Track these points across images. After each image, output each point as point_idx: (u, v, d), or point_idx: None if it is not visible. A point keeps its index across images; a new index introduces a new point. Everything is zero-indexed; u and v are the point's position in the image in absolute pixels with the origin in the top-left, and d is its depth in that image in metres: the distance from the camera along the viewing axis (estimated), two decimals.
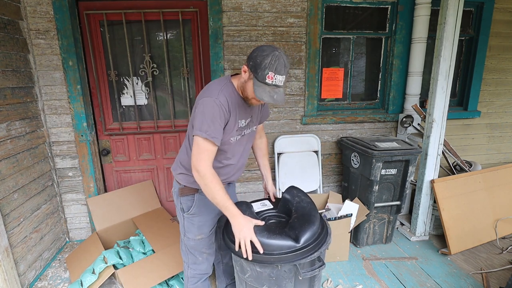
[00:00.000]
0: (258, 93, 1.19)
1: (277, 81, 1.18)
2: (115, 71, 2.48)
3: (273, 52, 1.17)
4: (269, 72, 1.16)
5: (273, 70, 1.16)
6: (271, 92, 1.19)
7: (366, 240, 2.50)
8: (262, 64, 1.16)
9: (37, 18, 2.20)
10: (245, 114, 1.38)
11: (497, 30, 2.88)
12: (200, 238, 1.51)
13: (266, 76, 1.17)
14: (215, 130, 1.25)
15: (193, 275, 1.59)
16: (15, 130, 2.02)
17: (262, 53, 1.17)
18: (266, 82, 1.18)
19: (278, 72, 1.17)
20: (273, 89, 1.19)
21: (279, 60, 1.16)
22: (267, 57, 1.16)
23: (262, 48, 1.20)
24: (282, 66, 1.17)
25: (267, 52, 1.17)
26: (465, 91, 3.07)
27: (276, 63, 1.16)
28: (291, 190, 1.56)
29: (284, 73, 1.19)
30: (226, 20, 2.42)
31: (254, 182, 2.80)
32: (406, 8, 2.62)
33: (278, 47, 1.22)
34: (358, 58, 2.85)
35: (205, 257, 1.56)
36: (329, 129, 2.80)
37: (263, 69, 1.16)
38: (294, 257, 1.23)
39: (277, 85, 1.19)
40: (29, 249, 2.11)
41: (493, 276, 2.11)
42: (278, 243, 1.24)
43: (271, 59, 1.15)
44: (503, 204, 2.55)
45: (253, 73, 1.20)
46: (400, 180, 2.37)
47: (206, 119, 1.24)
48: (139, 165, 2.71)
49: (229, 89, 1.32)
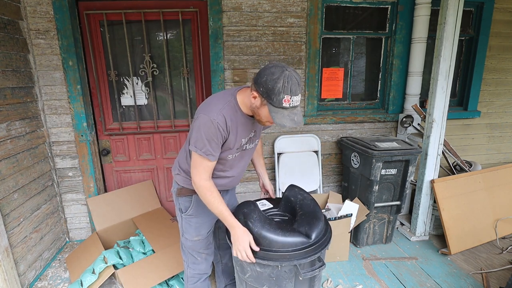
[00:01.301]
0: (277, 119, 1.11)
1: (294, 102, 1.11)
2: (115, 71, 2.48)
3: (283, 73, 1.08)
4: (285, 96, 1.08)
5: (288, 93, 1.08)
6: (290, 115, 1.12)
7: (366, 240, 2.50)
8: (276, 89, 1.08)
9: (37, 18, 2.20)
10: (248, 131, 1.34)
11: (497, 30, 2.88)
12: (197, 240, 1.51)
13: (283, 101, 1.09)
14: (210, 149, 1.22)
15: (193, 275, 1.59)
16: (15, 130, 2.02)
17: (273, 77, 1.08)
18: (283, 106, 1.10)
19: (294, 93, 1.09)
20: (291, 111, 1.13)
21: (292, 80, 1.08)
22: (278, 80, 1.07)
23: (271, 71, 1.10)
24: (296, 86, 1.10)
25: (277, 74, 1.08)
26: (465, 91, 3.07)
27: (290, 84, 1.08)
28: (292, 188, 1.57)
29: (300, 91, 1.12)
30: (226, 20, 2.42)
31: (254, 182, 2.80)
32: (406, 8, 2.62)
33: (285, 65, 1.12)
34: (358, 58, 2.85)
35: (204, 257, 1.57)
36: (329, 129, 2.80)
37: (277, 94, 1.08)
38: (307, 253, 1.25)
39: (295, 106, 1.12)
40: (29, 249, 2.11)
41: (493, 276, 2.11)
42: (292, 240, 1.26)
43: (283, 81, 1.07)
44: (503, 204, 2.55)
45: (266, 99, 1.12)
46: (400, 180, 2.37)
47: (202, 137, 1.21)
48: (139, 165, 2.71)
49: (231, 108, 1.25)
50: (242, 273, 1.40)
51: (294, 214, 1.45)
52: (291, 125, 1.12)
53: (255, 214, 1.34)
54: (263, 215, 1.37)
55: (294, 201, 1.49)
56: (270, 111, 1.13)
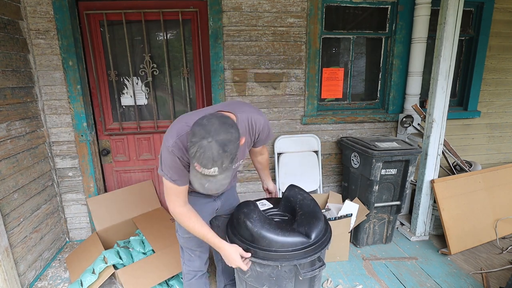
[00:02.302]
0: (190, 177, 1.06)
1: (206, 172, 1.00)
2: (115, 71, 2.48)
3: (201, 142, 0.97)
4: (195, 162, 0.99)
5: (199, 162, 0.98)
6: (202, 180, 1.03)
7: (366, 240, 2.50)
8: (190, 150, 1.00)
9: (37, 18, 2.20)
10: None
11: (497, 30, 2.88)
12: (188, 237, 1.51)
13: (194, 165, 1.01)
14: (175, 175, 1.18)
15: (188, 272, 1.61)
16: (15, 130, 2.02)
17: (191, 138, 0.99)
18: (196, 169, 1.01)
19: (204, 166, 0.98)
20: (204, 177, 1.02)
21: (205, 153, 0.96)
22: (193, 146, 0.98)
23: (193, 131, 1.00)
24: (209, 161, 0.97)
25: (196, 138, 0.98)
26: (465, 91, 3.07)
27: (202, 157, 0.97)
28: (292, 188, 1.57)
29: (212, 166, 0.98)
30: (226, 20, 2.42)
31: (254, 182, 2.80)
32: (406, 8, 2.62)
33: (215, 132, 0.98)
34: (358, 58, 2.85)
35: (197, 254, 1.57)
36: (329, 129, 2.80)
37: (190, 156, 1.00)
38: (307, 253, 1.25)
39: (208, 175, 1.01)
40: (29, 249, 2.11)
41: (493, 276, 2.11)
42: (292, 240, 1.26)
43: (196, 150, 0.97)
44: (503, 204, 2.55)
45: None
46: (400, 180, 2.37)
47: (166, 164, 1.17)
48: (139, 165, 2.71)
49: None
50: (242, 273, 1.40)
51: (294, 214, 1.45)
52: (200, 190, 1.06)
53: (255, 214, 1.34)
54: (263, 215, 1.37)
55: (294, 201, 1.49)
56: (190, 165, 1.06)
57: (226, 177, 1.05)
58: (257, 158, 1.69)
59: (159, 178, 2.77)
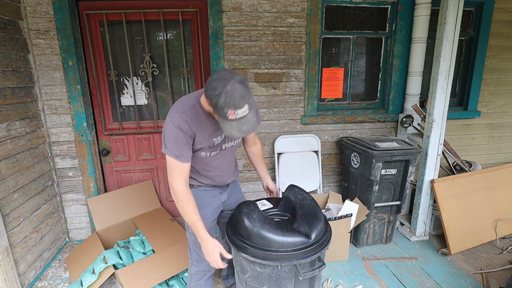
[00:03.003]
0: (226, 130, 1.15)
1: (239, 114, 1.11)
2: (115, 71, 2.48)
3: (225, 88, 1.07)
4: (229, 110, 1.09)
5: (231, 107, 1.08)
6: (238, 125, 1.13)
7: (366, 240, 2.50)
8: (218, 104, 1.09)
9: (37, 18, 2.20)
10: (218, 131, 1.35)
11: (497, 30, 2.88)
12: None
13: (227, 115, 1.10)
14: (179, 150, 1.26)
15: (196, 272, 1.62)
16: (15, 130, 2.02)
17: (215, 93, 1.09)
18: (230, 119, 1.12)
19: (238, 107, 1.09)
20: (240, 122, 1.13)
21: (234, 94, 1.07)
22: (220, 96, 1.08)
23: (213, 86, 1.10)
24: (239, 99, 1.08)
25: (219, 89, 1.08)
26: (465, 91, 3.07)
27: (232, 99, 1.07)
28: (292, 188, 1.57)
29: (244, 103, 1.10)
30: (226, 20, 2.42)
31: (254, 182, 2.80)
32: (406, 8, 2.62)
33: (230, 77, 1.09)
34: (358, 58, 2.85)
35: None
36: (329, 129, 2.80)
37: (221, 109, 1.10)
38: (307, 253, 1.26)
39: (242, 117, 1.12)
40: (29, 249, 2.11)
41: (493, 276, 2.11)
42: (292, 240, 1.26)
43: (225, 97, 1.07)
44: (503, 204, 2.55)
45: (214, 110, 1.15)
46: (400, 180, 2.37)
47: (169, 140, 1.26)
48: (139, 165, 2.71)
49: (194, 109, 1.28)
50: (242, 273, 1.40)
51: (294, 214, 1.45)
52: (239, 135, 1.16)
53: (255, 214, 1.34)
54: (263, 215, 1.37)
55: (294, 201, 1.50)
56: (219, 122, 1.17)
57: (253, 115, 1.17)
58: (252, 149, 1.70)
59: (159, 178, 2.77)
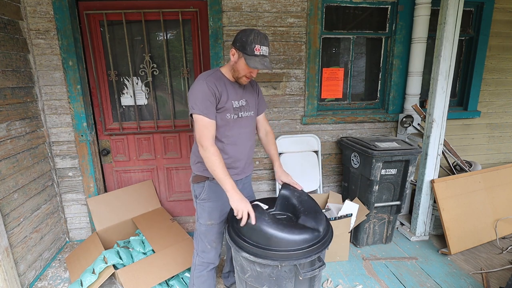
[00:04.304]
0: (251, 63, 1.38)
1: (263, 51, 1.40)
2: (115, 71, 2.48)
3: (253, 31, 1.40)
4: (256, 45, 1.38)
5: (258, 42, 1.38)
6: (261, 60, 1.40)
7: (366, 240, 2.50)
8: (248, 40, 1.38)
9: (37, 18, 2.20)
10: (238, 96, 1.54)
11: (497, 30, 2.88)
12: (211, 224, 1.60)
13: (254, 49, 1.38)
14: (207, 107, 1.41)
15: (201, 263, 1.67)
16: (15, 130, 2.02)
17: (245, 33, 1.40)
18: (255, 54, 1.38)
19: (263, 44, 1.40)
20: (262, 58, 1.40)
21: (260, 35, 1.40)
22: (250, 35, 1.38)
23: (244, 30, 1.42)
24: (264, 39, 1.41)
25: (249, 32, 1.40)
26: (465, 91, 3.07)
27: (259, 37, 1.39)
28: (287, 186, 1.60)
29: (267, 44, 1.42)
30: (226, 20, 2.42)
31: (254, 182, 2.80)
32: (406, 8, 2.62)
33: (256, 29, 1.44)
34: (358, 58, 2.85)
35: (214, 246, 1.65)
36: (329, 129, 2.80)
37: (250, 44, 1.37)
38: (307, 253, 1.25)
39: (264, 55, 1.41)
40: (29, 249, 2.11)
41: (493, 276, 2.11)
42: (303, 237, 1.27)
43: (254, 35, 1.38)
44: (503, 204, 2.55)
45: (241, 52, 1.40)
46: (400, 180, 2.37)
47: (198, 98, 1.41)
48: (139, 165, 2.71)
49: (217, 76, 1.50)
50: (242, 273, 1.40)
51: (295, 212, 1.46)
52: (262, 67, 1.39)
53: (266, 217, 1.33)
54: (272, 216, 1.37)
55: (292, 199, 1.51)
56: (246, 59, 1.40)
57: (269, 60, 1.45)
58: (267, 138, 1.78)
59: (159, 178, 2.77)
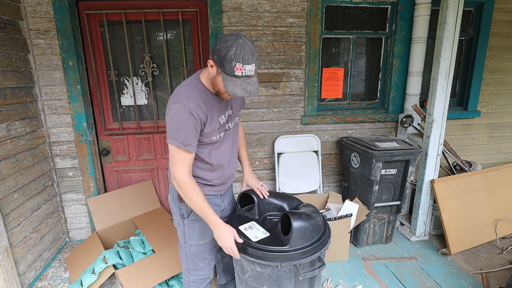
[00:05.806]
0: (229, 88, 1.11)
1: (247, 71, 1.10)
2: (115, 71, 2.48)
3: (237, 41, 1.07)
4: (237, 63, 1.07)
5: (240, 60, 1.07)
6: (243, 84, 1.11)
7: (366, 240, 2.50)
8: (228, 56, 1.07)
9: (37, 18, 2.20)
10: (224, 109, 1.32)
11: (497, 30, 2.88)
12: (202, 244, 1.46)
13: (235, 69, 1.08)
14: (187, 138, 1.18)
15: (195, 281, 1.55)
16: (15, 130, 2.02)
17: (226, 44, 1.08)
18: (235, 74, 1.10)
19: (246, 62, 1.08)
20: (244, 80, 1.11)
21: (245, 49, 1.07)
22: (231, 48, 1.07)
23: (225, 39, 1.10)
24: (249, 54, 1.08)
25: (230, 42, 1.07)
26: (465, 91, 3.07)
27: (242, 53, 1.07)
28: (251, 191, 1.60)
29: (253, 61, 1.10)
30: (226, 20, 2.42)
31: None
32: (406, 8, 2.62)
33: (242, 34, 1.11)
34: (358, 58, 2.85)
35: (207, 262, 1.53)
36: (329, 129, 2.80)
37: (229, 62, 1.08)
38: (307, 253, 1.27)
39: (248, 75, 1.11)
40: (29, 249, 2.11)
41: (493, 276, 2.11)
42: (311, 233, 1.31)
43: (235, 49, 1.06)
44: (503, 204, 2.55)
45: (220, 68, 1.12)
46: (400, 180, 2.37)
47: (177, 127, 1.18)
48: (139, 165, 2.71)
49: (199, 90, 1.24)
50: (242, 273, 1.40)
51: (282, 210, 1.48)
52: (242, 94, 1.11)
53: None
54: None
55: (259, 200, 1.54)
56: (223, 79, 1.12)
57: (257, 81, 1.15)
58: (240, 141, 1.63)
59: (159, 178, 2.77)
